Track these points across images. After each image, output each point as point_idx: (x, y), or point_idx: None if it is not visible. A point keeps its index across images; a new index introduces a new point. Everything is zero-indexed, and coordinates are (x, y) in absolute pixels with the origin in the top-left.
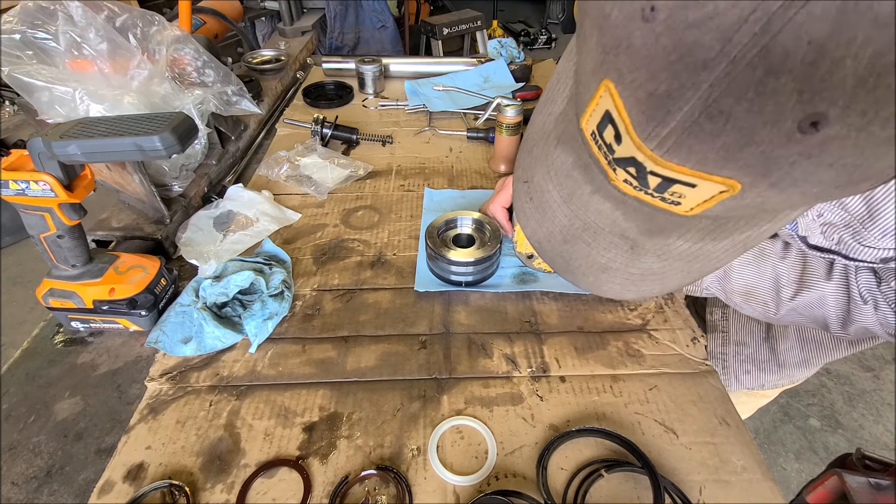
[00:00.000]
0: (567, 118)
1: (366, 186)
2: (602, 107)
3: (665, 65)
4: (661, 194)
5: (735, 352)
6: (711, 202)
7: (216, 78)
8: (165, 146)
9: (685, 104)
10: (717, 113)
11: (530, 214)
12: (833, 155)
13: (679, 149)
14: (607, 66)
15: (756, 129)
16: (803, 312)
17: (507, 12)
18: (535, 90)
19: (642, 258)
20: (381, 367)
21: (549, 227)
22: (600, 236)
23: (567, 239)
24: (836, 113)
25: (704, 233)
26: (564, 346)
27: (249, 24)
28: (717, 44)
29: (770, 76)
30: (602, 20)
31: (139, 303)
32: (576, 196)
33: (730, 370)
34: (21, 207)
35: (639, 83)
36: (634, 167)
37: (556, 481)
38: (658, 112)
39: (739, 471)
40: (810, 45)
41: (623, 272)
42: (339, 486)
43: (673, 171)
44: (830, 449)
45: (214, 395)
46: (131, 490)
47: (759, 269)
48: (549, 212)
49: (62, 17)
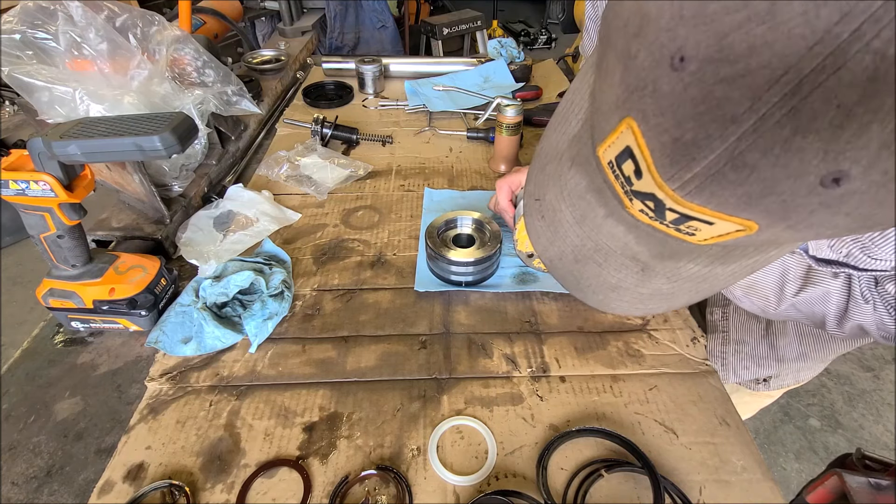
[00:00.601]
0: (582, 141)
1: (366, 186)
2: (623, 141)
3: (693, 115)
4: (678, 226)
5: (735, 350)
6: (727, 237)
7: (216, 78)
8: (165, 146)
9: (710, 153)
10: (742, 165)
11: (542, 232)
12: (851, 206)
13: (701, 192)
14: (631, 105)
15: (779, 181)
16: (802, 309)
17: (507, 12)
18: (535, 90)
19: (652, 280)
20: (381, 367)
21: (561, 246)
22: (611, 258)
23: (578, 259)
24: (859, 171)
25: (714, 258)
26: (564, 346)
27: (249, 24)
28: (747, 101)
29: (797, 135)
30: (628, 59)
31: (139, 303)
32: (588, 218)
33: (728, 366)
34: (21, 207)
35: (664, 128)
36: (653, 202)
37: (556, 481)
38: (682, 158)
39: (739, 471)
40: (839, 109)
41: (633, 292)
42: (339, 486)
43: (692, 211)
44: (830, 449)
45: (214, 395)
46: (131, 490)
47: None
48: (560, 231)
49: (62, 17)
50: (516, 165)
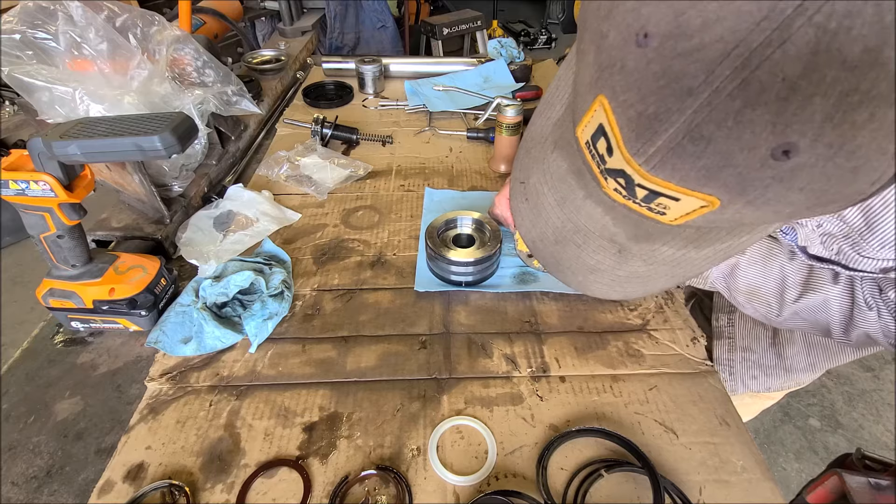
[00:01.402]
0: (564, 124)
1: (366, 186)
2: (596, 119)
3: (654, 88)
4: (648, 204)
5: (742, 358)
6: (693, 215)
7: (216, 78)
8: (165, 146)
9: (670, 126)
10: (699, 137)
11: (525, 214)
12: (803, 180)
13: (664, 166)
14: (602, 82)
15: (734, 153)
16: (805, 316)
17: (507, 12)
18: (535, 90)
19: (629, 262)
20: (381, 367)
21: (543, 228)
22: (590, 239)
23: (559, 240)
24: (806, 144)
25: (688, 241)
26: (564, 346)
27: (249, 24)
28: (701, 74)
29: (748, 107)
30: (600, 39)
31: (139, 303)
32: (569, 200)
33: (736, 376)
34: (21, 207)
35: (630, 103)
36: (623, 178)
37: (556, 481)
38: (646, 131)
39: (739, 471)
40: (784, 82)
41: (610, 273)
42: (339, 486)
43: (658, 185)
44: (830, 449)
45: (214, 395)
46: (131, 490)
47: (765, 269)
48: (543, 213)
49: (62, 17)
50: None
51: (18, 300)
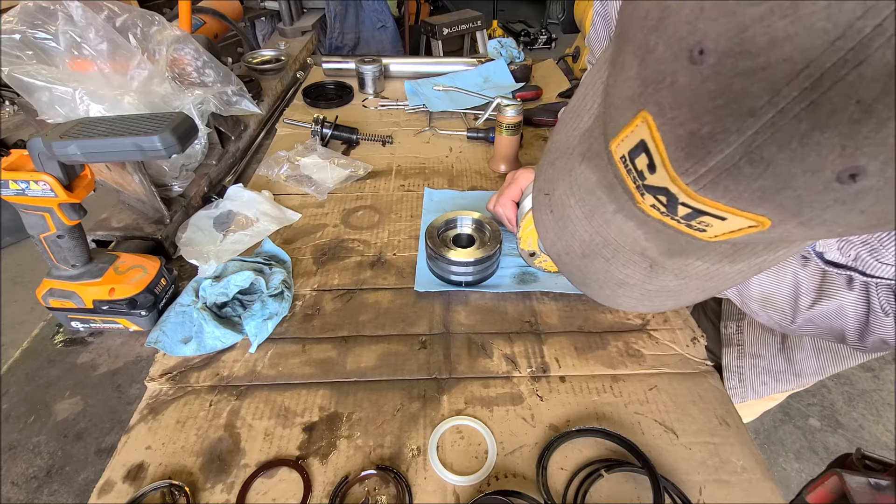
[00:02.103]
0: (593, 136)
1: (366, 186)
2: (637, 135)
3: (709, 108)
4: (689, 222)
5: (751, 364)
6: (738, 234)
7: (216, 78)
8: (165, 146)
9: (727, 147)
10: (758, 159)
11: (550, 227)
12: (866, 203)
13: (715, 187)
14: (647, 98)
15: (795, 176)
16: (820, 323)
17: (507, 12)
18: (535, 90)
19: (660, 276)
20: (381, 367)
21: (569, 241)
22: (620, 253)
23: (586, 254)
24: (876, 168)
25: (723, 256)
26: (564, 346)
27: (249, 24)
28: (765, 94)
29: (815, 130)
30: (645, 53)
31: (139, 303)
32: (598, 213)
33: (746, 382)
34: (21, 207)
35: (679, 121)
36: (666, 196)
37: (556, 481)
38: (698, 151)
39: (739, 471)
40: (858, 105)
41: (640, 288)
42: (339, 486)
43: (705, 205)
44: (830, 449)
45: (214, 395)
46: (131, 490)
47: (778, 276)
48: (569, 226)
49: (62, 17)
50: (516, 165)
51: (18, 300)
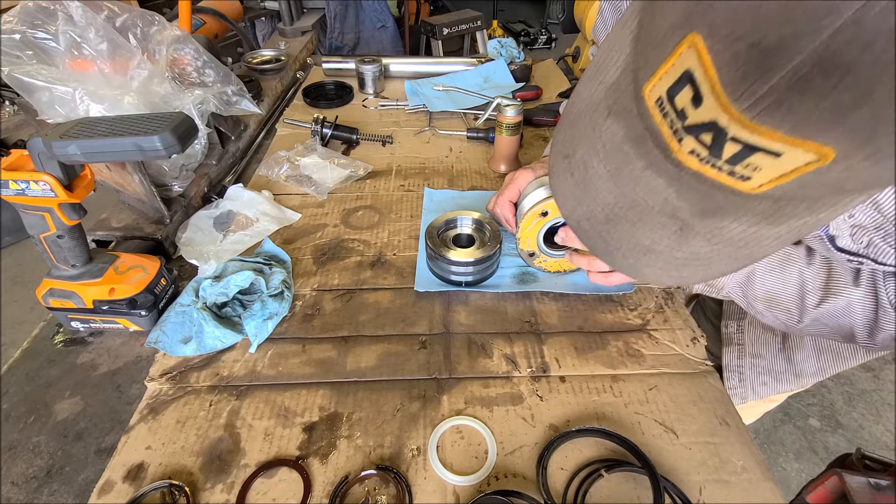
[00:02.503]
0: (621, 89)
1: (366, 186)
2: (680, 66)
3: (776, 11)
4: (732, 167)
5: (751, 364)
6: (790, 176)
7: (216, 78)
8: (165, 146)
9: (796, 56)
10: (835, 66)
11: (570, 192)
12: None
13: (776, 110)
14: (697, 18)
15: (878, 86)
16: (828, 322)
17: (507, 12)
18: (535, 90)
19: (690, 241)
20: (381, 367)
21: (591, 205)
22: (647, 216)
23: (610, 218)
24: None
25: (762, 216)
26: (564, 346)
27: (249, 24)
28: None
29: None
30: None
31: (139, 303)
32: (625, 172)
33: (746, 382)
34: (21, 207)
35: (738, 35)
36: (712, 133)
37: (556, 481)
38: (757, 68)
39: (739, 471)
40: None
41: (667, 255)
42: (339, 486)
43: (759, 137)
44: (830, 449)
45: (214, 395)
46: (131, 490)
47: (783, 275)
48: (591, 188)
49: (62, 17)
50: (516, 165)
51: (18, 300)
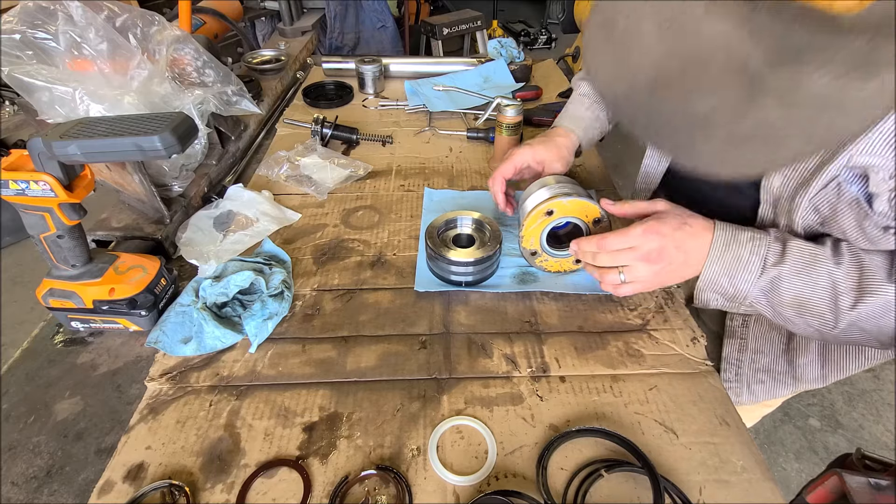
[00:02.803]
0: None
1: (366, 186)
2: None
3: None
4: None
5: (751, 359)
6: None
7: (216, 78)
8: (165, 146)
9: None
10: None
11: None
12: None
13: None
14: None
15: None
16: (866, 326)
17: (507, 12)
18: (535, 90)
19: (759, 104)
20: (381, 367)
21: (634, 73)
22: (707, 72)
23: (659, 84)
24: None
25: (853, 63)
26: (564, 346)
27: (249, 24)
28: None
29: None
30: None
31: (139, 303)
32: (679, 21)
33: (743, 378)
34: (21, 207)
35: None
36: None
37: (556, 481)
38: None
39: (739, 471)
40: None
41: (726, 128)
42: (339, 486)
43: None
44: (830, 449)
45: (214, 395)
46: (131, 490)
47: (812, 278)
48: (636, 50)
49: (62, 17)
50: None
51: (18, 300)
